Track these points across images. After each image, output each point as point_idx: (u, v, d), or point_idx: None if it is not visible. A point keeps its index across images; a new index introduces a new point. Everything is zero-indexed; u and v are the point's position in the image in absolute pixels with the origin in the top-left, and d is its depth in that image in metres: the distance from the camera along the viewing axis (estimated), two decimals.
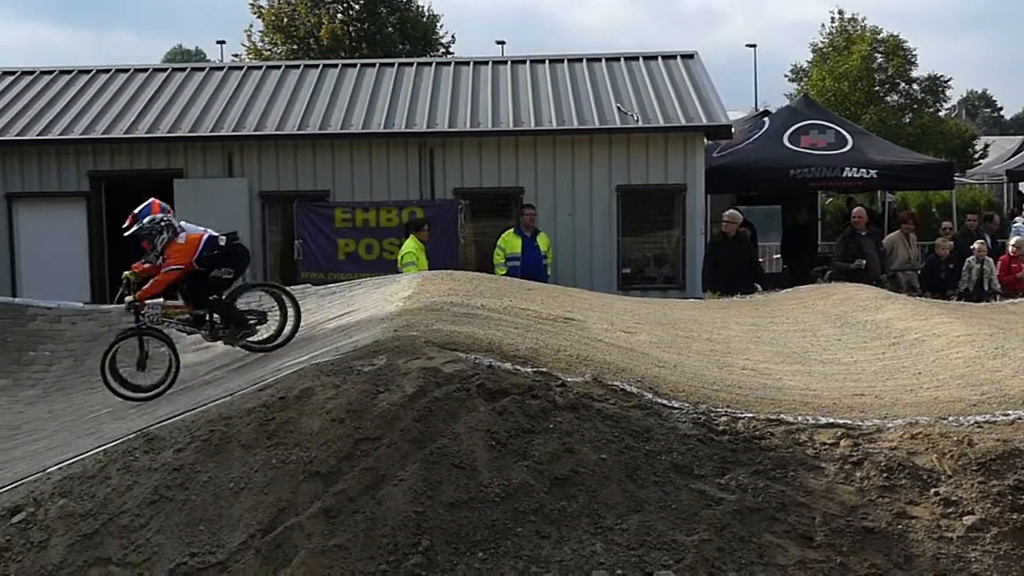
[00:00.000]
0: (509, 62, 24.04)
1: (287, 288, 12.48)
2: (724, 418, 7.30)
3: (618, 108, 21.17)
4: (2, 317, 14.95)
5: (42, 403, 13.10)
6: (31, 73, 23.86)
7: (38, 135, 21.15)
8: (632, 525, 6.40)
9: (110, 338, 13.74)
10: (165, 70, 24.47)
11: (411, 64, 24.43)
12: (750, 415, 7.39)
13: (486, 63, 23.97)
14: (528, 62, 23.70)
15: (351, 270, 19.70)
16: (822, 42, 47.09)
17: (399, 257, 17.14)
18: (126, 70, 23.95)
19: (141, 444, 7.30)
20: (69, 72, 23.86)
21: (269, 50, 44.04)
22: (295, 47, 43.40)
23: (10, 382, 13.97)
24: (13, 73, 23.95)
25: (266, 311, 12.07)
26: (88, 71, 23.90)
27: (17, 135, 21.17)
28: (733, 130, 21.92)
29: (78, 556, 6.57)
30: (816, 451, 7.01)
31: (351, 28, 44.11)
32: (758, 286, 16.52)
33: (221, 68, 25.06)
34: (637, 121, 20.70)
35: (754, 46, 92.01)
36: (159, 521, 6.65)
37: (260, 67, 24.99)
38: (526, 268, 17.79)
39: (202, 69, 24.68)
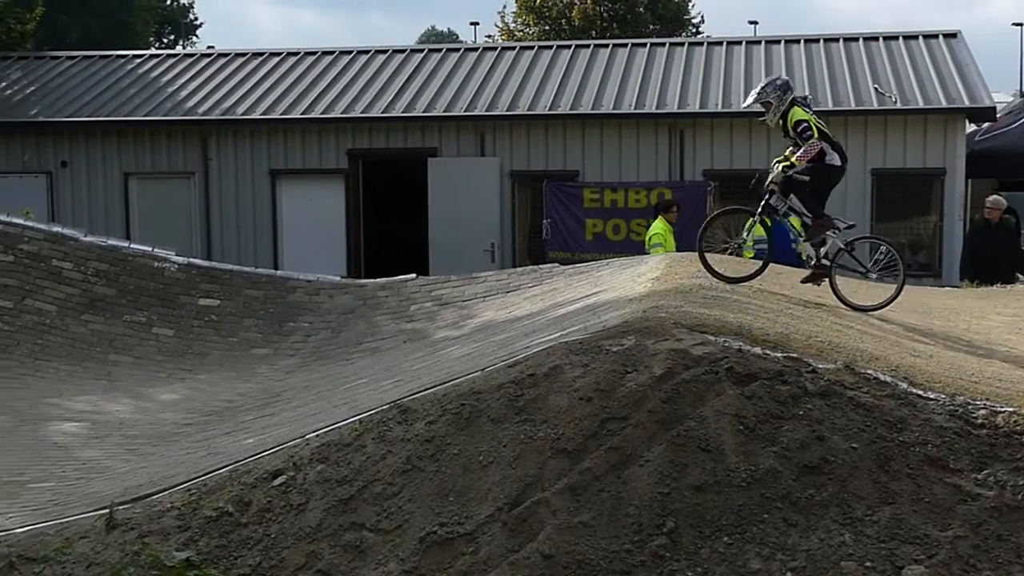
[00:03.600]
0: (763, 42, 23.71)
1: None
2: (983, 411, 7.03)
3: (875, 89, 20.62)
4: (266, 289, 15.59)
5: (300, 372, 13.63)
6: (295, 54, 24.79)
7: (301, 114, 21.97)
8: (883, 517, 6.25)
9: (366, 312, 14.19)
10: (421, 51, 25.07)
11: (663, 44, 24.34)
12: (1011, 409, 7.09)
13: (739, 43, 23.70)
14: (782, 42, 23.31)
15: (598, 250, 19.82)
16: None
17: (647, 238, 17.11)
18: (384, 51, 24.65)
19: (395, 415, 7.50)
20: (331, 53, 24.69)
21: (521, 31, 44.52)
22: (547, 28, 43.75)
23: (271, 351, 14.58)
24: (279, 54, 24.92)
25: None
26: (349, 52, 24.69)
27: (282, 114, 22.04)
28: (997, 113, 21.05)
29: (334, 520, 6.81)
30: None
31: (603, 9, 44.16)
32: (1020, 276, 15.84)
33: (475, 49, 25.52)
34: (895, 102, 20.13)
35: (1020, 25, 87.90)
36: (410, 490, 6.83)
37: (513, 48, 25.33)
38: (774, 252, 17.50)
39: (457, 50, 25.19)
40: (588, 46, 24.63)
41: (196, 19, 55.42)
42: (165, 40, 53.08)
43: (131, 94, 23.52)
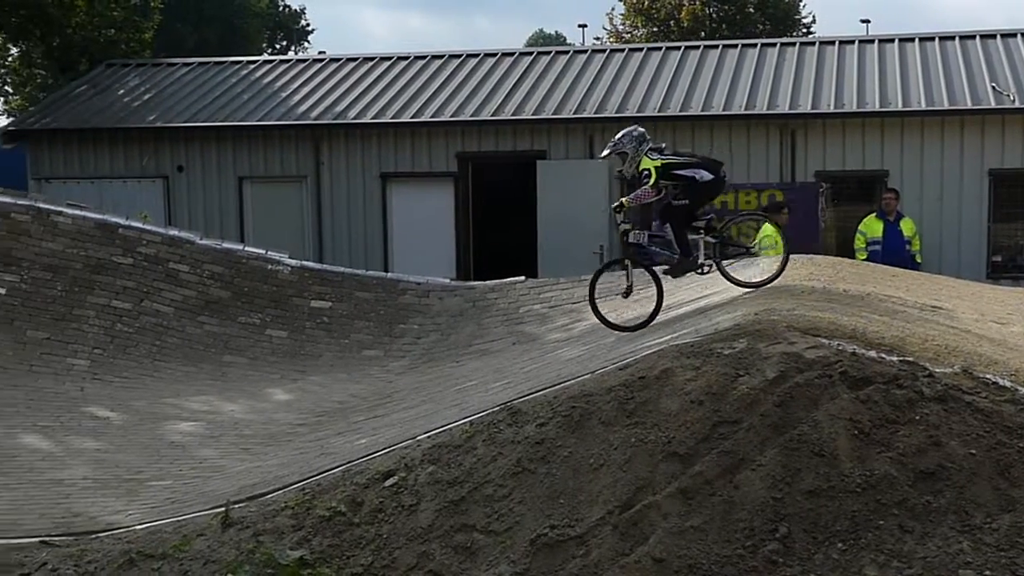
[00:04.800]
0: (876, 41, 23.33)
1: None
2: None
3: (992, 87, 20.19)
4: (376, 291, 15.75)
5: (411, 373, 13.74)
6: (405, 58, 24.97)
7: (411, 117, 22.13)
8: (1003, 525, 6.12)
9: (476, 314, 14.29)
10: (530, 54, 25.12)
11: (773, 45, 24.07)
12: None
13: (851, 42, 23.35)
14: (896, 41, 22.92)
15: None
16: None
17: (757, 240, 16.95)
18: (493, 54, 24.72)
19: (505, 417, 7.54)
20: (440, 57, 24.83)
21: (630, 33, 44.37)
22: (655, 29, 43.54)
23: (382, 353, 14.72)
24: (389, 59, 25.12)
25: None
26: (458, 56, 24.80)
27: (392, 118, 22.23)
28: None
29: (445, 521, 6.86)
30: None
31: (711, 9, 43.84)
32: None
33: (584, 51, 25.46)
34: (1013, 101, 19.69)
35: None
36: (521, 492, 6.86)
37: (622, 50, 25.22)
38: (887, 253, 17.27)
39: (566, 52, 25.18)
40: (697, 47, 24.46)
41: (308, 25, 56.15)
42: (277, 46, 53.85)
43: (245, 99, 23.90)
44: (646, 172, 10.99)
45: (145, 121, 23.35)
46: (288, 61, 27.65)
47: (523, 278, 16.10)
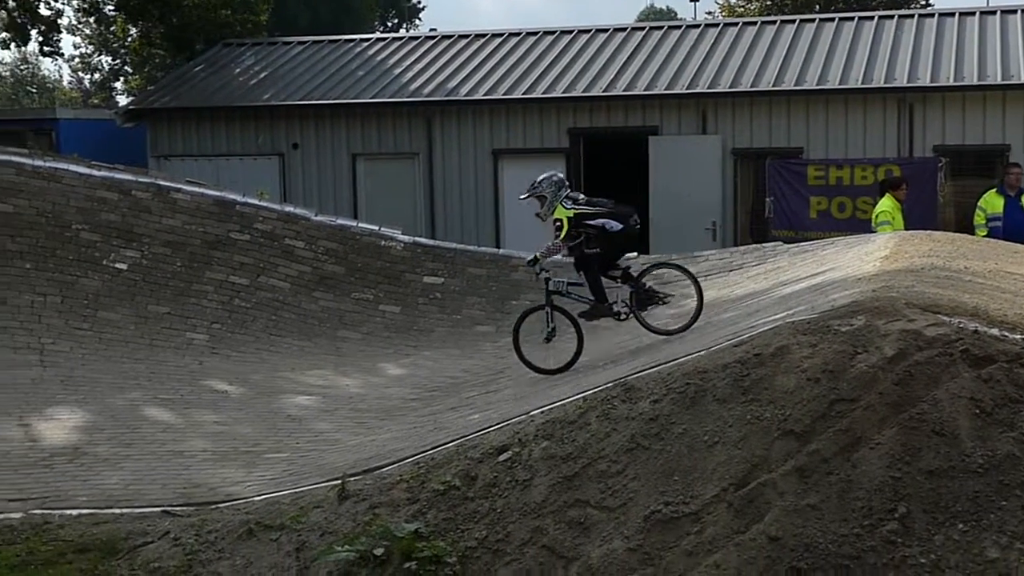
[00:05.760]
0: (998, 12, 22.78)
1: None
2: None
3: None
4: (488, 267, 15.80)
5: (523, 349, 13.75)
6: (516, 35, 24.99)
7: (523, 94, 22.14)
8: None
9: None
10: (642, 29, 24.98)
11: (891, 17, 23.65)
12: None
13: (972, 14, 22.83)
14: (1019, 12, 22.36)
15: (822, 228, 19.44)
16: None
17: (873, 216, 16.66)
18: (605, 30, 24.63)
19: (619, 393, 7.52)
20: (552, 33, 24.81)
21: (743, 7, 43.85)
22: (768, 3, 42.96)
23: (494, 328, 14.78)
24: (500, 35, 25.16)
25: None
26: (569, 31, 24.76)
27: (504, 94, 22.26)
28: None
29: (559, 497, 6.87)
30: None
31: None
32: None
33: (697, 26, 25.27)
34: None
35: None
36: (635, 468, 6.84)
37: (735, 24, 24.95)
38: (1009, 230, 16.83)
39: (678, 27, 25.00)
40: (812, 20, 24.11)
41: (419, 2, 56.33)
42: (389, 24, 54.19)
43: (358, 77, 24.11)
44: (558, 223, 11.34)
45: (261, 99, 23.69)
46: (400, 39, 27.83)
47: (635, 255, 16.01)
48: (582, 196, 11.66)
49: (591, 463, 6.98)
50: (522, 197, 12.02)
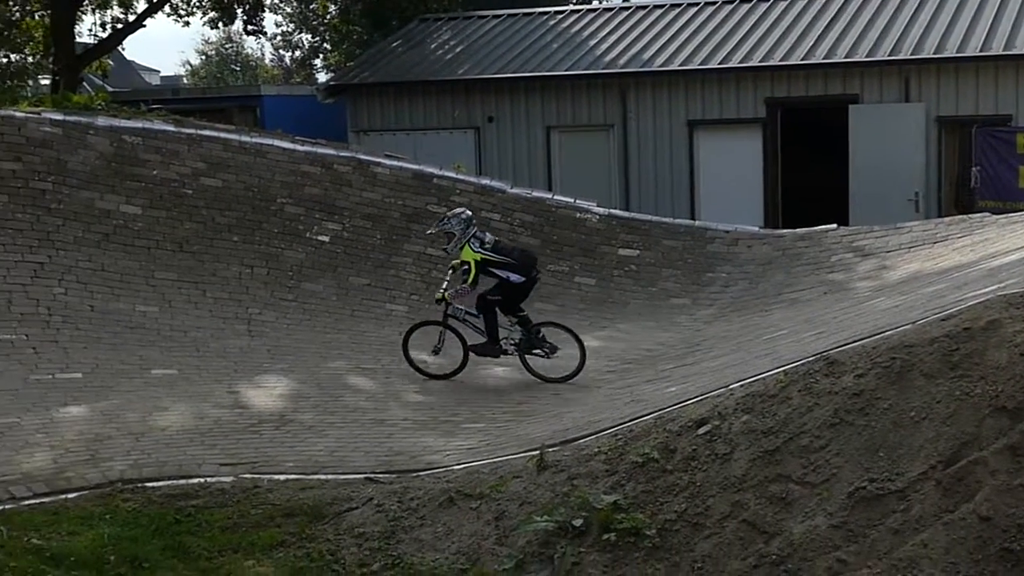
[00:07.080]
0: None
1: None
2: None
3: None
4: (684, 239, 15.68)
5: (718, 322, 13.65)
6: (712, 4, 24.63)
7: (718, 64, 21.86)
8: None
9: (785, 263, 14.10)
10: None
11: None
12: None
13: None
14: None
15: None
16: None
17: None
18: None
19: (821, 367, 7.38)
20: (748, 2, 24.37)
21: None
22: None
23: (689, 301, 14.68)
24: (695, 5, 24.85)
25: None
26: (766, 0, 24.29)
27: (699, 64, 22.01)
28: None
29: (759, 471, 6.79)
30: None
31: None
32: None
33: None
34: None
35: None
36: (838, 444, 6.71)
37: None
38: None
39: None
40: None
41: None
42: None
43: (553, 50, 24.14)
44: (466, 266, 11.79)
45: (456, 74, 23.92)
46: (595, 10, 27.72)
47: (835, 226, 15.71)
48: (489, 236, 12.09)
49: (792, 438, 6.87)
50: (429, 232, 12.93)
